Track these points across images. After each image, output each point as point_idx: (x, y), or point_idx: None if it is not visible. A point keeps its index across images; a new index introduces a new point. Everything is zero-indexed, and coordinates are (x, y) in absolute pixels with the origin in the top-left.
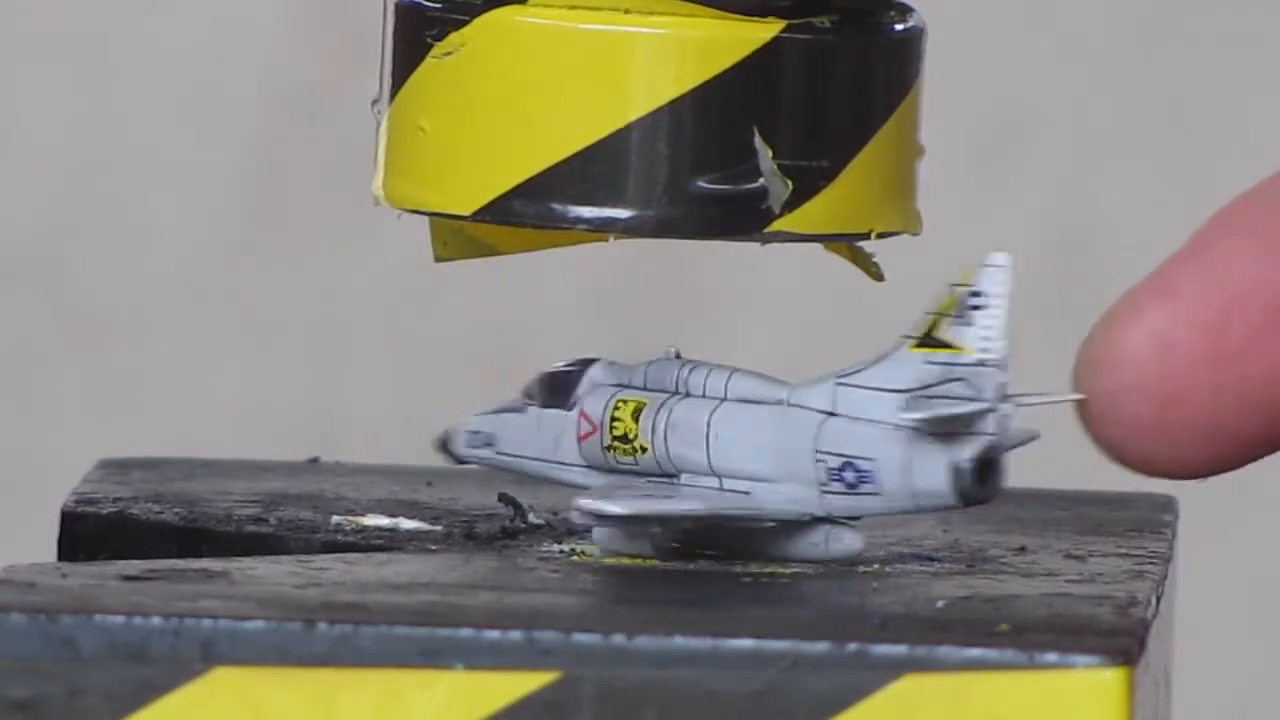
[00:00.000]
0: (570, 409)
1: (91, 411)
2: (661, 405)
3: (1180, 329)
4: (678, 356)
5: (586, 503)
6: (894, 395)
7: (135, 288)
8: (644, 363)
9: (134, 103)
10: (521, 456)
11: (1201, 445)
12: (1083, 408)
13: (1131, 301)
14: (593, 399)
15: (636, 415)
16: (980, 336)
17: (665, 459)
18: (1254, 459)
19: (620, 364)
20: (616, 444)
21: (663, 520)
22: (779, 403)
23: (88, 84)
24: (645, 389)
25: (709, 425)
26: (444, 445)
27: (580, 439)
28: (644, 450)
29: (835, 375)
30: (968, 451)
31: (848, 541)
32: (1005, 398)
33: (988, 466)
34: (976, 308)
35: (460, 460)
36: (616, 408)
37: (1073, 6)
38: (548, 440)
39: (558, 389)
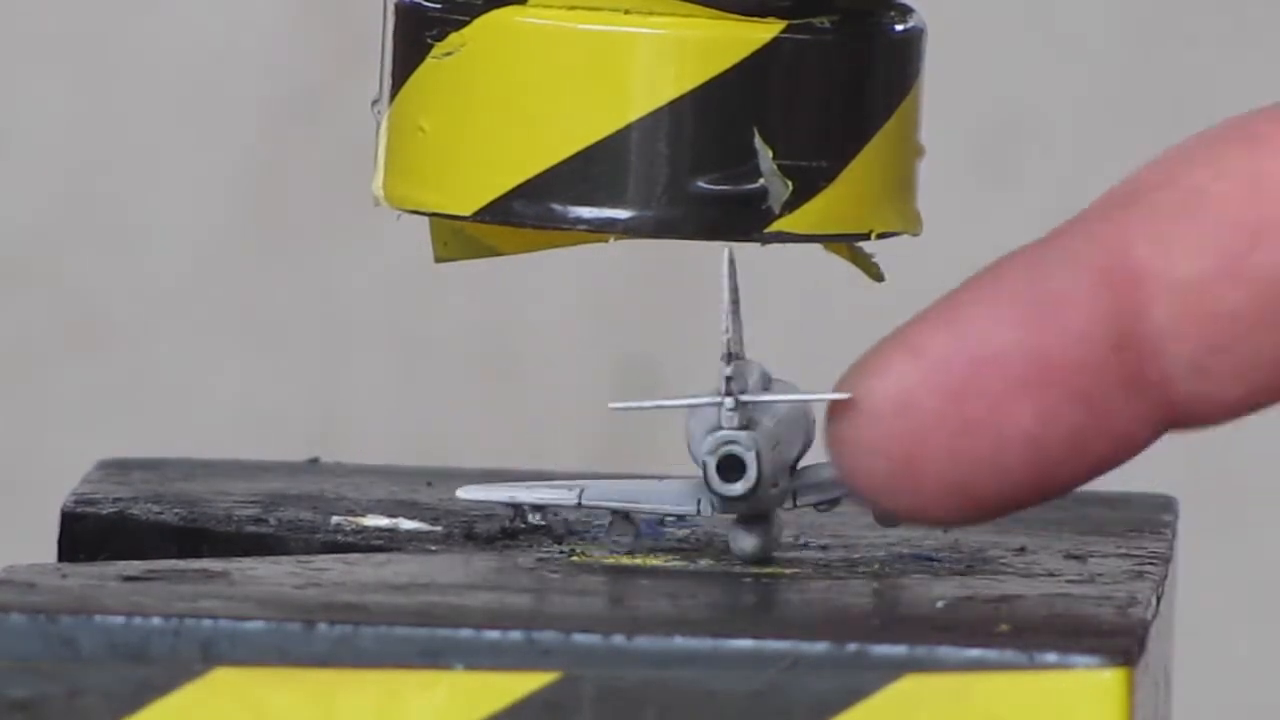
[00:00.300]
0: None
1: (91, 412)
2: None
3: (923, 391)
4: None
5: (462, 491)
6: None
7: (135, 288)
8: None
9: (134, 103)
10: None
11: (944, 502)
12: (832, 447)
13: (879, 356)
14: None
15: None
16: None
17: None
18: (1005, 514)
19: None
20: None
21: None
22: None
23: (88, 84)
24: None
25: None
26: None
27: None
28: None
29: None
30: (706, 446)
31: (740, 542)
32: (732, 395)
33: (728, 466)
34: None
35: None
36: None
37: (1073, 7)
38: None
39: None
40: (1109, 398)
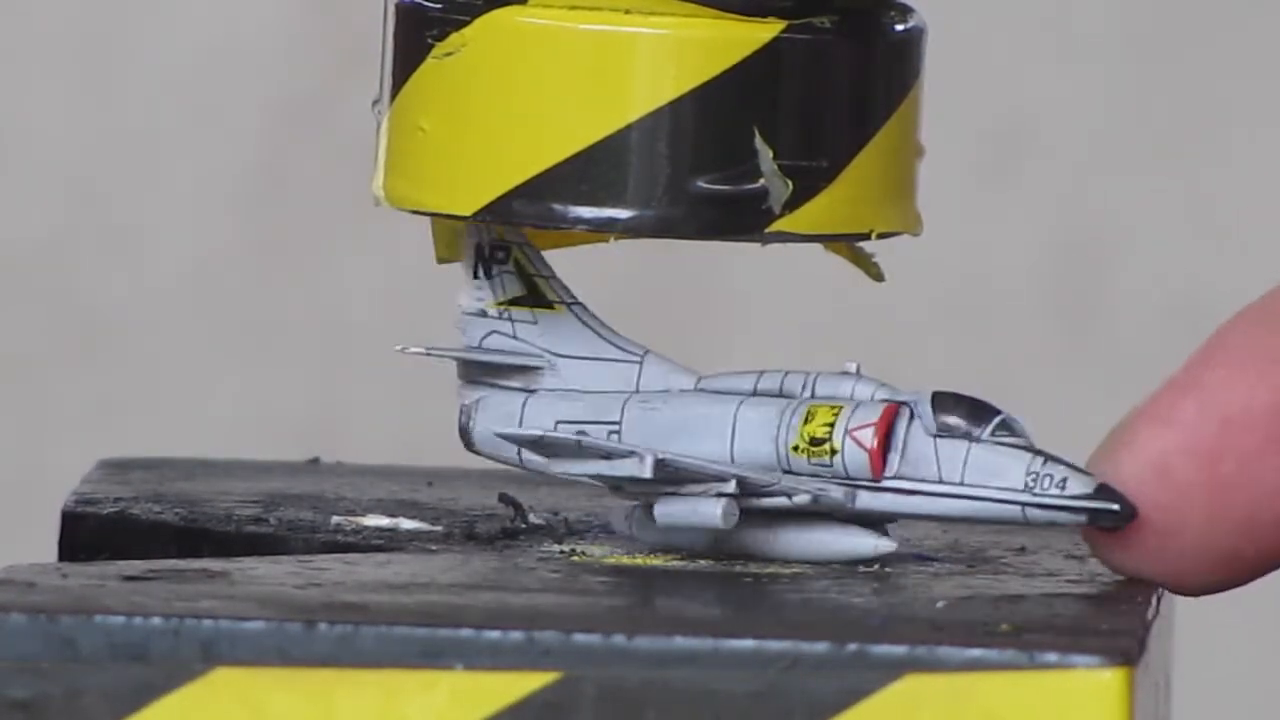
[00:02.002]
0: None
1: (93, 416)
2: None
3: (1177, 458)
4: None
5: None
6: None
7: (136, 291)
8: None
9: (135, 107)
10: None
11: (1204, 569)
12: (1088, 532)
13: (1129, 430)
14: None
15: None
16: None
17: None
18: (1262, 575)
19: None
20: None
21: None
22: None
23: (89, 89)
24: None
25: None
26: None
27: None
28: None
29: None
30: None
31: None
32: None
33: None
34: None
35: None
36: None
37: (1078, 13)
38: None
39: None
40: None
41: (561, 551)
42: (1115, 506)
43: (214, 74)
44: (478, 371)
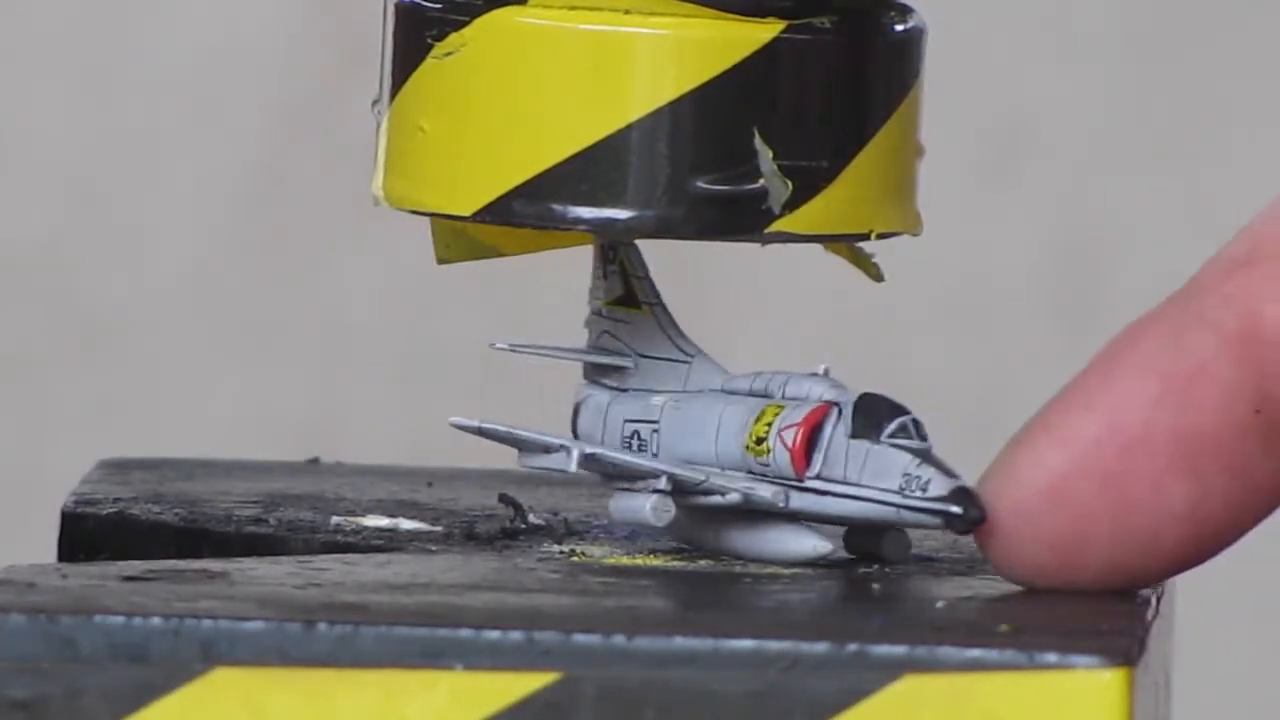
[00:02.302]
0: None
1: (93, 417)
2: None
3: (1078, 480)
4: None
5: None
6: None
7: (137, 293)
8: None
9: (135, 108)
10: None
11: (1102, 581)
12: (984, 540)
13: (1026, 446)
14: None
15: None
16: None
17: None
18: (1158, 582)
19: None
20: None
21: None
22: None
23: (89, 89)
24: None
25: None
26: (979, 510)
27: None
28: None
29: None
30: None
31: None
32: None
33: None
34: None
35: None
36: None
37: (1078, 13)
38: None
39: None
40: (1252, 461)
41: (561, 552)
42: (957, 510)
43: (214, 74)
44: (590, 370)
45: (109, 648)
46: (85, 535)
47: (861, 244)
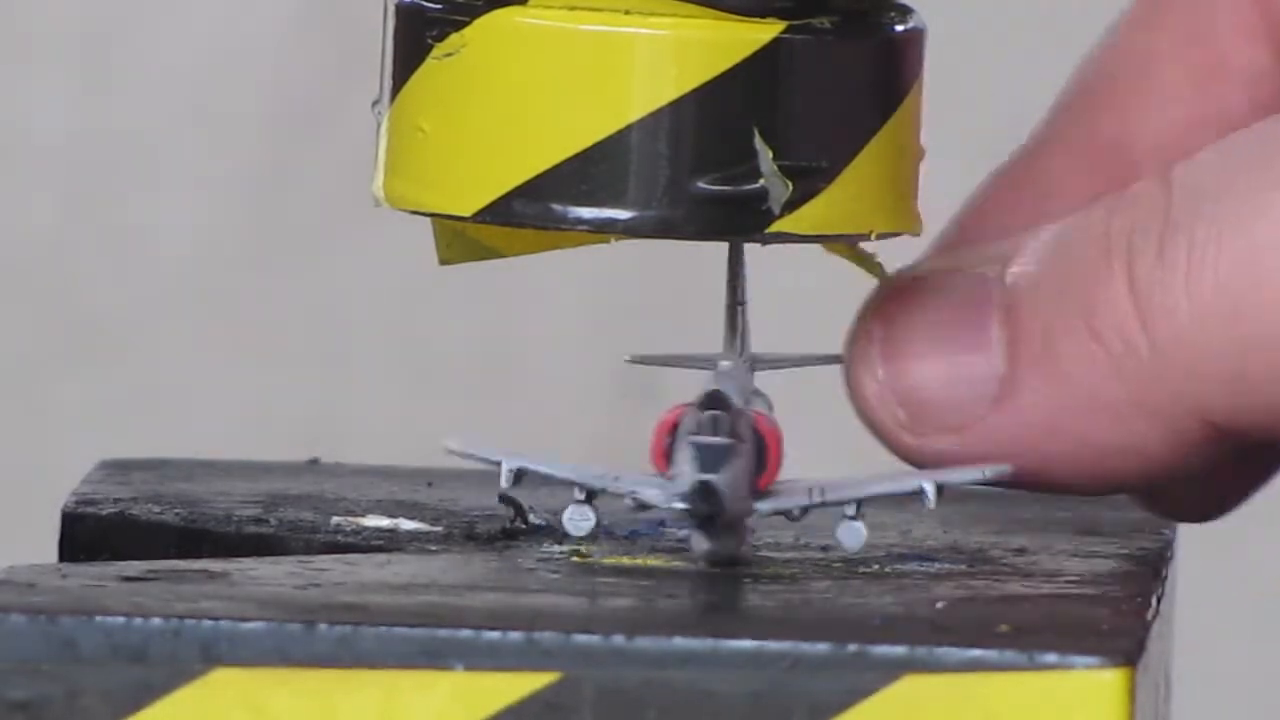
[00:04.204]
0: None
1: (94, 418)
2: None
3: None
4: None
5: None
6: None
7: (137, 293)
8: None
9: (136, 110)
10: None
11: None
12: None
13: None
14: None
15: None
16: None
17: None
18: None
19: None
20: None
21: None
22: None
23: (90, 92)
24: None
25: None
26: (708, 505)
27: None
28: None
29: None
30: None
31: (699, 544)
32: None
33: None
34: None
35: (722, 519)
36: None
37: (1078, 13)
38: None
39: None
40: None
41: (562, 552)
42: (686, 505)
43: (214, 74)
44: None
45: (109, 648)
46: (85, 535)
47: (862, 244)
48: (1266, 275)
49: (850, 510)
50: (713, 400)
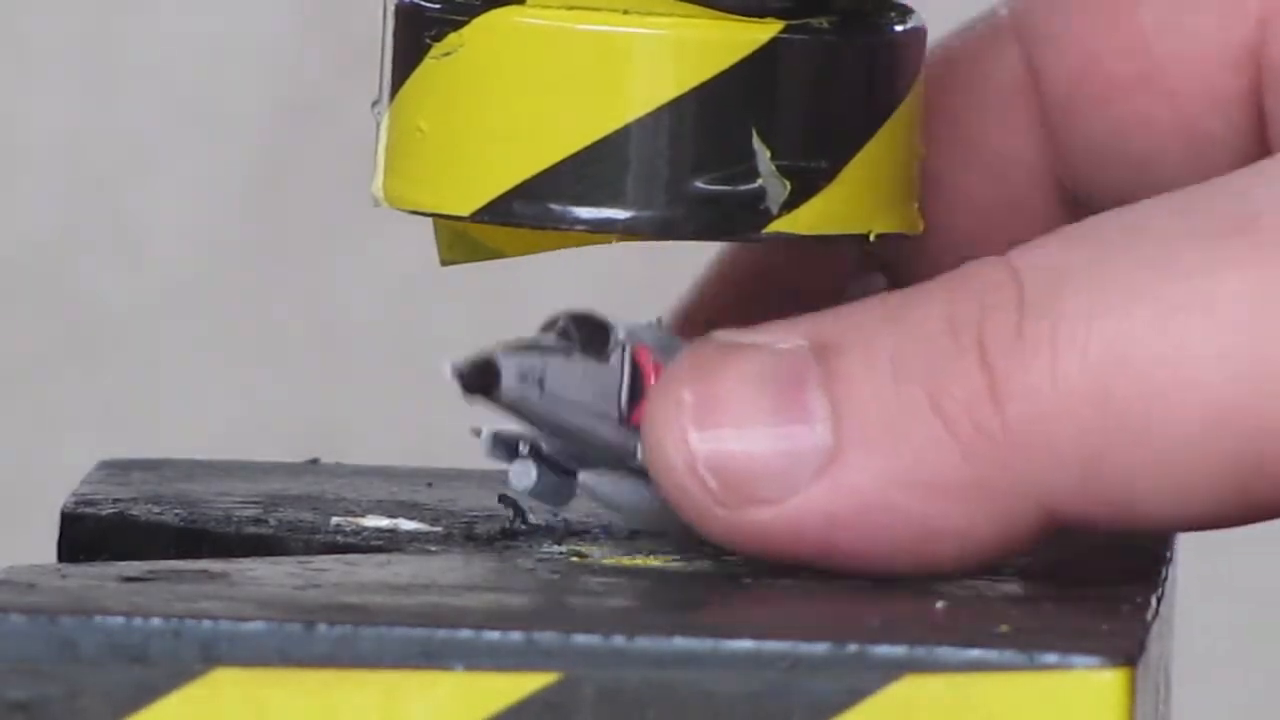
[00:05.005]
0: (607, 360)
1: (93, 418)
2: None
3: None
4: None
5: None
6: None
7: (137, 293)
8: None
9: (136, 109)
10: (574, 402)
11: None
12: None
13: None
14: (657, 353)
15: None
16: None
17: None
18: None
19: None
20: None
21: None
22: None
23: (89, 90)
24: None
25: None
26: (480, 380)
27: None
28: None
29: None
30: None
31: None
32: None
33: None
34: None
35: (500, 402)
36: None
37: None
38: (590, 391)
39: (595, 337)
40: None
41: (561, 552)
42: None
43: (214, 74)
44: None
45: (109, 648)
46: (85, 535)
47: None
48: (1139, 358)
49: (524, 448)
50: (581, 317)
